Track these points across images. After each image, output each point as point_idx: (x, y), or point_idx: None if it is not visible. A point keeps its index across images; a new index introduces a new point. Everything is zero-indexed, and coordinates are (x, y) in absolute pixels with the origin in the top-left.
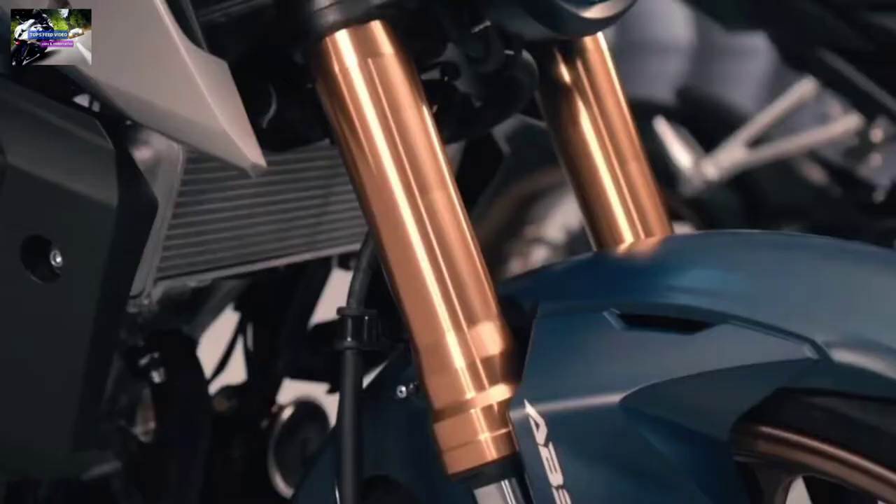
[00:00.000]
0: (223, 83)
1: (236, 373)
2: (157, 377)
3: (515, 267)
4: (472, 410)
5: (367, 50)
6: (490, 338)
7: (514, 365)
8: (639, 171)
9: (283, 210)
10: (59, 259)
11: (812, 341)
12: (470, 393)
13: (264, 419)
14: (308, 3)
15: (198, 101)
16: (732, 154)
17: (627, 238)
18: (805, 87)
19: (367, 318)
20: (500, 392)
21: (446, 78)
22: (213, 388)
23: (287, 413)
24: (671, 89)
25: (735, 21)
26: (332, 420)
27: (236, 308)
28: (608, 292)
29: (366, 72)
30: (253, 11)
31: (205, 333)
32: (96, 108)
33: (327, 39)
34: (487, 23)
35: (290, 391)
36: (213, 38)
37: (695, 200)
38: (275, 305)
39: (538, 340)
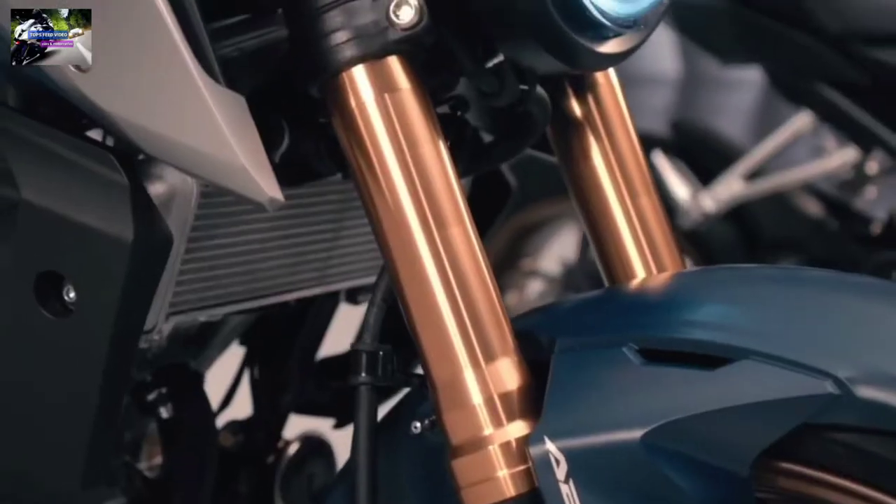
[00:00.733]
0: (241, 118)
1: (242, 407)
2: (164, 412)
3: (511, 299)
4: (491, 447)
5: (383, 85)
6: (508, 373)
7: (532, 401)
8: (650, 205)
9: (294, 244)
10: (72, 294)
11: (834, 377)
12: (488, 429)
13: (270, 454)
14: (324, 39)
15: (216, 136)
16: (730, 187)
17: (640, 273)
18: (802, 121)
19: (381, 353)
20: (519, 428)
21: (459, 113)
22: (219, 422)
23: (293, 448)
24: (664, 122)
25: (731, 55)
26: (339, 455)
27: (242, 342)
28: (625, 327)
29: (382, 107)
30: (266, 46)
31: (210, 368)
32: (109, 142)
33: (344, 75)
34: (501, 57)
35: (296, 426)
36: (226, 73)
37: (692, 233)
38: (281, 340)
39: (557, 376)
